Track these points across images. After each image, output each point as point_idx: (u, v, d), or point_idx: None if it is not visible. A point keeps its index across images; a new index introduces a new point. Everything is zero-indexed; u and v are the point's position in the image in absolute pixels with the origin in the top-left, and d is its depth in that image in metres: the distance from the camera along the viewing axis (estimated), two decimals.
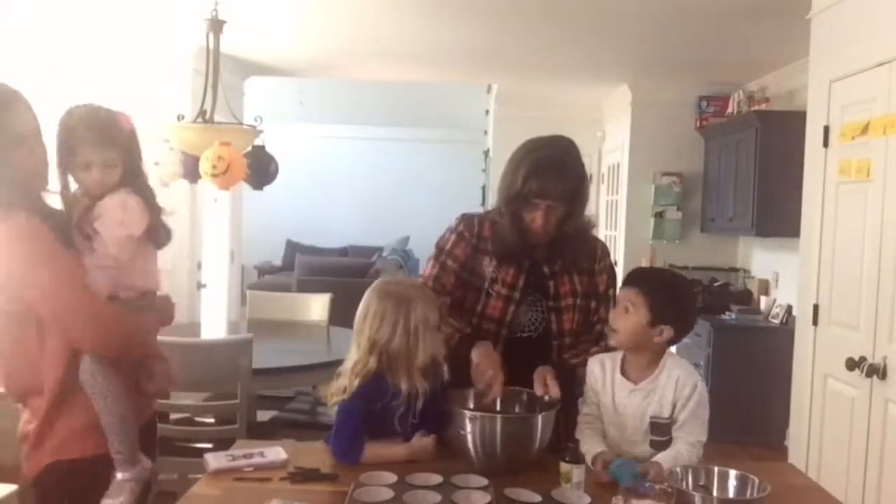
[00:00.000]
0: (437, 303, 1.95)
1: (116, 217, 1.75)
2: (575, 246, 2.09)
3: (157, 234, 1.88)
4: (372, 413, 1.87)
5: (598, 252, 2.17)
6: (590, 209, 2.16)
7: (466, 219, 2.17)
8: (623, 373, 1.96)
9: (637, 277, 2.00)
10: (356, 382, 1.86)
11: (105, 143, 1.75)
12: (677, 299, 1.96)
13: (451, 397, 1.92)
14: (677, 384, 1.91)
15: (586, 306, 2.13)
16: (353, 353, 1.90)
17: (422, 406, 1.90)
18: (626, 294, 1.94)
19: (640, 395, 1.92)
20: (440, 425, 1.90)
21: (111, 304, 1.77)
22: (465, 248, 2.12)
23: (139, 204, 1.80)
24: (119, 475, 1.77)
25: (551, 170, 1.97)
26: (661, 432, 1.89)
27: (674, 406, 1.90)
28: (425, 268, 2.19)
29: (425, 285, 2.08)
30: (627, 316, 1.92)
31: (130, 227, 1.77)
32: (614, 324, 1.95)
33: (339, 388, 1.89)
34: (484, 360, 1.97)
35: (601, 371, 1.98)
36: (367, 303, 1.90)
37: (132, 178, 1.83)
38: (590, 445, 1.87)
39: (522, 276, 2.09)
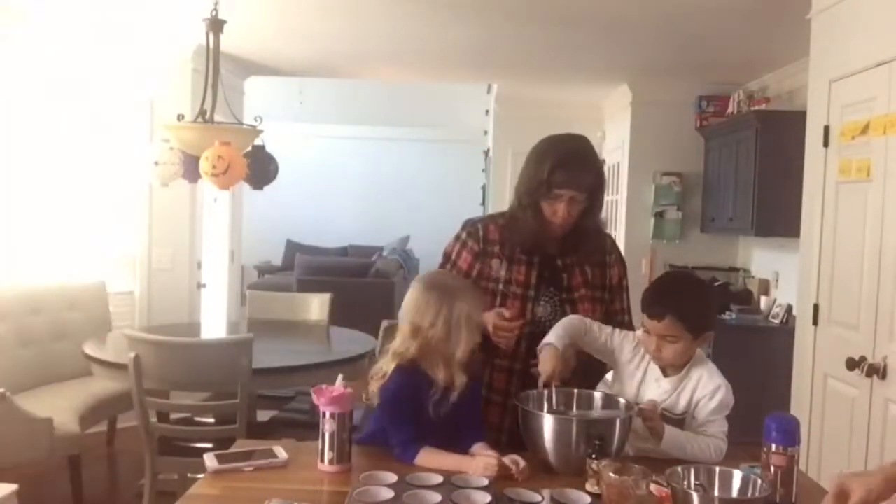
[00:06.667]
0: (481, 301, 1.96)
1: None
2: (589, 241, 2.14)
3: None
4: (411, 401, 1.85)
5: (608, 245, 2.23)
6: None
7: (470, 226, 2.20)
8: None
9: (659, 303, 1.91)
10: (392, 366, 1.86)
11: None
12: (708, 305, 2.02)
13: (519, 399, 1.89)
14: (699, 383, 1.95)
15: (601, 297, 2.16)
16: (396, 340, 1.89)
17: (457, 399, 1.86)
18: (657, 326, 1.89)
19: (665, 385, 1.95)
20: (474, 419, 1.93)
21: None
22: (467, 256, 2.15)
23: None
24: None
25: (577, 161, 2.03)
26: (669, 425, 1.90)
27: (690, 404, 1.93)
28: None
29: (475, 284, 2.09)
30: (670, 345, 1.90)
31: None
32: (659, 356, 1.92)
33: (377, 371, 1.89)
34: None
35: (634, 349, 1.99)
36: (413, 291, 1.89)
37: None
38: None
39: (535, 273, 2.11)
